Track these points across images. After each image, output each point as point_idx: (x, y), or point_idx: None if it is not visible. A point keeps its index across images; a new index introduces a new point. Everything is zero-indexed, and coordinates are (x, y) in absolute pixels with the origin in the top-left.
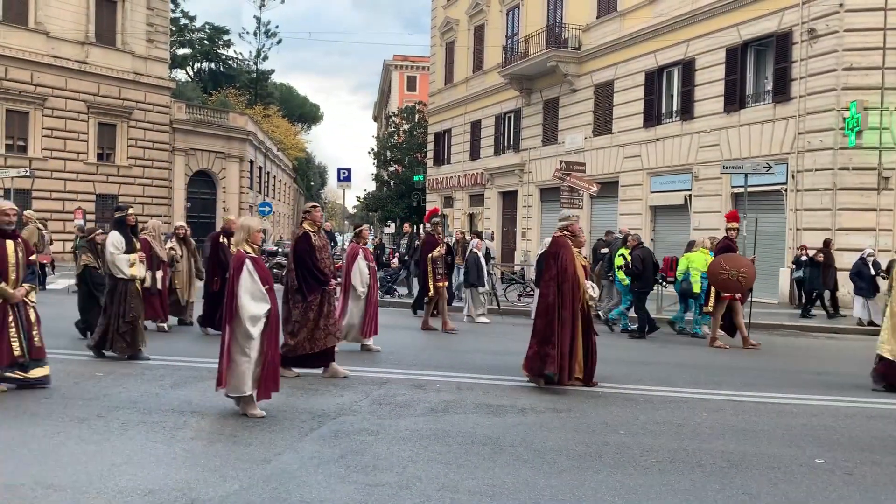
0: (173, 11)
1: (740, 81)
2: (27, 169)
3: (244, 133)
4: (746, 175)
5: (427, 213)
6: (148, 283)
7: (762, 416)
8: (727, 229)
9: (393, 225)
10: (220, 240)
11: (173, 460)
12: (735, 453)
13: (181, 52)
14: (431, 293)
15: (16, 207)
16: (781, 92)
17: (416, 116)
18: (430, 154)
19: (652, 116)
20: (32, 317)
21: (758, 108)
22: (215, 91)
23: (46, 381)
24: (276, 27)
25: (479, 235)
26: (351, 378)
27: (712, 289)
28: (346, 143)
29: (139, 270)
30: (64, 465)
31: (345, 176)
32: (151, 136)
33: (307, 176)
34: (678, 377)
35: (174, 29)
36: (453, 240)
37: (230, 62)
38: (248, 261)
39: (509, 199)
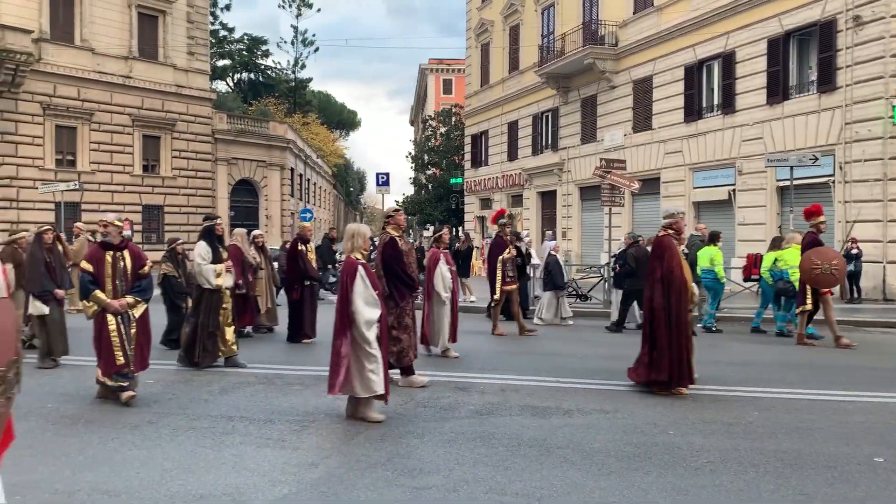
0: (212, 24)
1: (783, 72)
2: (76, 182)
3: (284, 141)
4: (792, 168)
5: (494, 213)
6: (243, 290)
7: (816, 414)
8: (813, 224)
9: (432, 228)
10: (298, 247)
11: (222, 465)
12: (789, 452)
13: (221, 63)
14: (497, 296)
15: (118, 223)
16: (826, 82)
17: (453, 119)
18: (468, 156)
19: (692, 111)
20: (135, 329)
21: (802, 99)
22: (255, 101)
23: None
24: (313, 36)
25: (531, 236)
26: (394, 380)
27: (807, 287)
28: (383, 149)
29: (225, 280)
30: (118, 470)
31: (383, 181)
32: (194, 146)
33: (346, 182)
34: (727, 375)
35: (214, 41)
36: (527, 239)
37: (269, 72)
38: (360, 267)
39: (548, 198)
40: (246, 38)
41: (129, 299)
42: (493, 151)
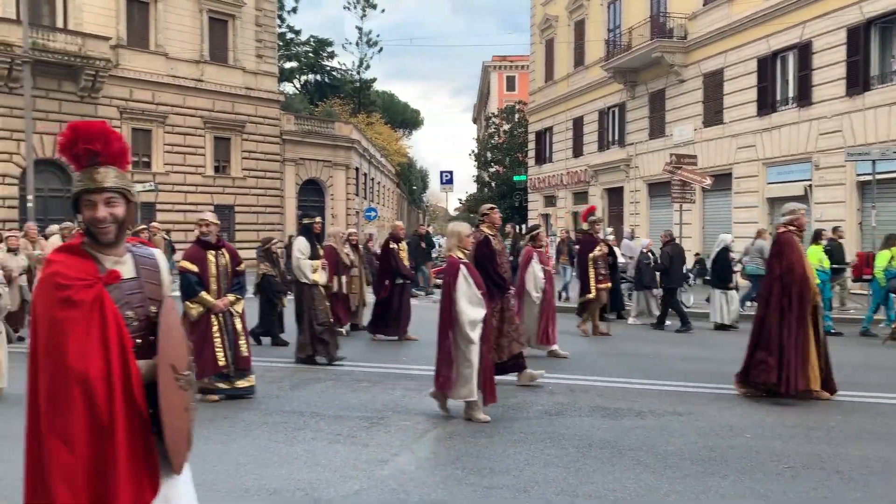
0: (280, 27)
1: (864, 62)
2: (152, 183)
3: (349, 141)
4: (874, 161)
5: (584, 210)
6: (336, 288)
7: None
8: None
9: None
10: (390, 246)
11: (295, 460)
12: (874, 459)
13: (288, 65)
14: (592, 295)
15: (217, 221)
16: None
17: (516, 116)
18: (532, 153)
19: (766, 104)
20: (239, 327)
21: (884, 89)
22: (321, 102)
23: (251, 391)
24: (378, 36)
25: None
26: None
27: None
28: (446, 147)
29: (321, 276)
30: (195, 464)
31: (447, 179)
32: (263, 147)
33: (409, 180)
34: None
35: (281, 44)
36: (610, 238)
37: (334, 73)
38: (462, 266)
39: (615, 195)
40: (312, 40)
41: (231, 298)
42: (557, 148)
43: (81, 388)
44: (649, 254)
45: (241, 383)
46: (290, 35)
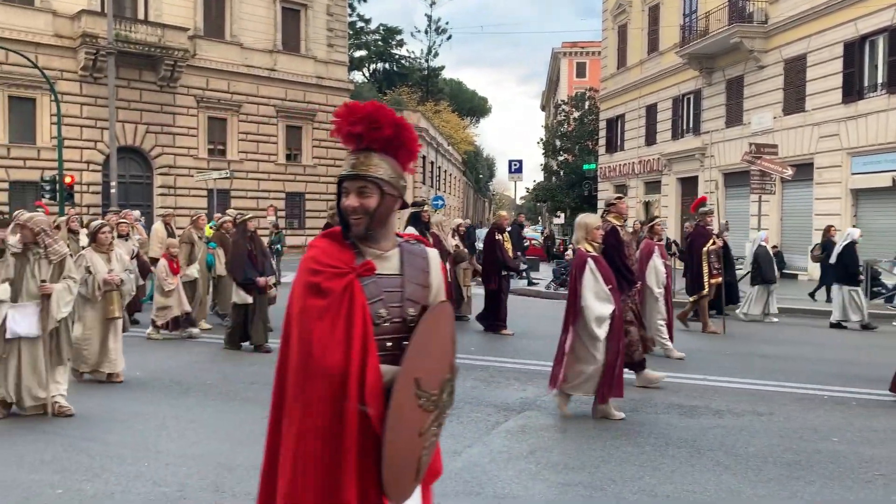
0: (350, 16)
1: None
2: (227, 171)
3: (417, 130)
4: None
5: (694, 201)
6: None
7: None
8: None
9: (563, 216)
10: (496, 237)
11: None
12: None
13: (358, 54)
14: (706, 291)
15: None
16: None
17: (587, 103)
18: (602, 141)
19: (853, 91)
20: None
21: None
22: (389, 90)
23: None
24: (447, 24)
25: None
26: (532, 372)
27: None
28: (513, 135)
29: None
30: (251, 447)
31: (516, 167)
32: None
33: (476, 168)
34: None
35: (351, 32)
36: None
37: (403, 61)
38: (590, 260)
39: (689, 185)
40: (381, 28)
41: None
42: (629, 136)
43: (323, 382)
44: (767, 247)
45: None
46: (360, 24)
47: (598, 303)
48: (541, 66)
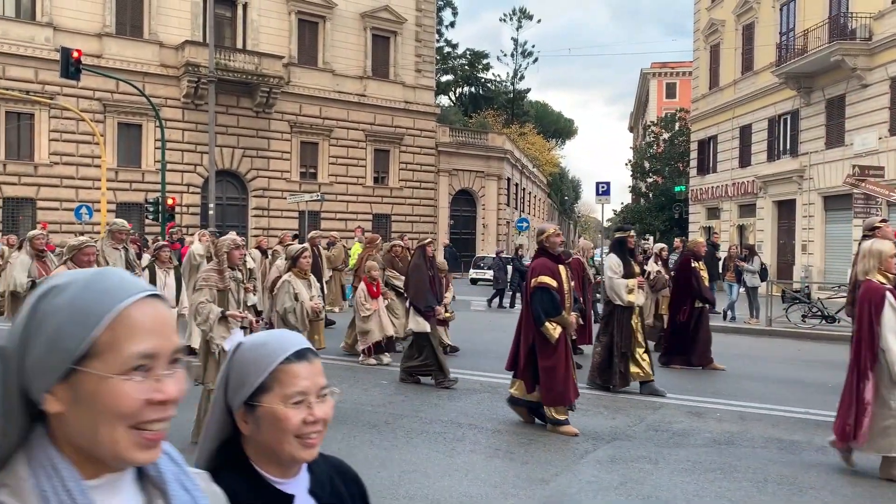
0: (437, 41)
1: None
2: (318, 193)
3: (502, 152)
4: None
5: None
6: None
7: None
8: None
9: (651, 238)
10: (692, 264)
11: (455, 472)
12: None
13: (444, 78)
14: None
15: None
16: None
17: (677, 124)
18: (693, 163)
19: None
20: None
21: None
22: (475, 113)
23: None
24: (533, 46)
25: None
26: (621, 400)
27: None
28: (599, 156)
29: (638, 297)
30: (360, 468)
31: (604, 190)
32: (419, 159)
33: (561, 190)
34: None
35: (438, 58)
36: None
37: (489, 84)
38: (888, 294)
39: (786, 208)
40: (468, 53)
41: (575, 314)
42: (721, 158)
43: None
44: None
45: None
46: (447, 49)
47: None
48: (629, 87)
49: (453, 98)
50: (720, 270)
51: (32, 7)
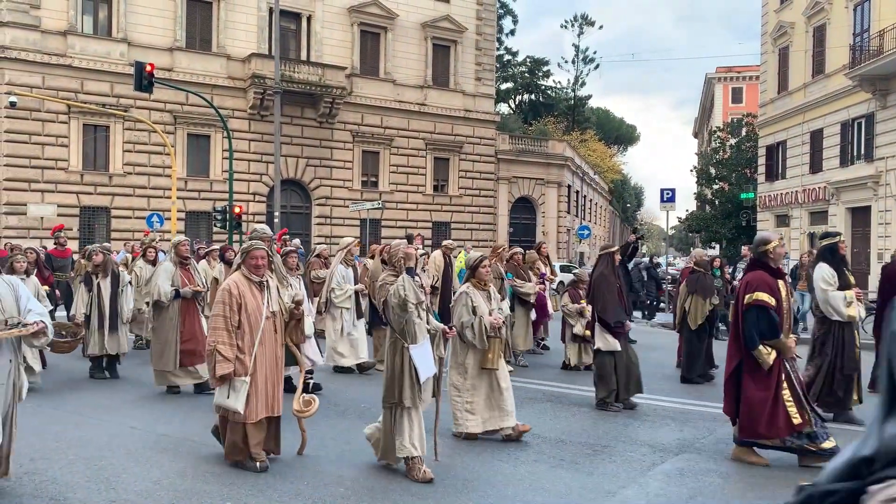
0: (497, 49)
1: None
2: (379, 201)
3: (562, 159)
4: None
5: None
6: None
7: None
8: None
9: (717, 247)
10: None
11: (520, 482)
12: None
13: (504, 86)
14: None
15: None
16: None
17: (744, 129)
18: (761, 169)
19: None
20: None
21: None
22: (535, 120)
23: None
24: (594, 53)
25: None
26: (688, 412)
27: None
28: (663, 162)
29: (857, 311)
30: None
31: (668, 196)
32: (479, 167)
33: (623, 198)
34: None
35: (498, 65)
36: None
37: (549, 91)
38: None
39: (860, 215)
40: (528, 60)
41: (793, 339)
42: (791, 163)
43: None
44: None
45: (826, 444)
46: (507, 57)
47: None
48: (693, 92)
49: (513, 106)
50: (792, 279)
51: (109, 24)
